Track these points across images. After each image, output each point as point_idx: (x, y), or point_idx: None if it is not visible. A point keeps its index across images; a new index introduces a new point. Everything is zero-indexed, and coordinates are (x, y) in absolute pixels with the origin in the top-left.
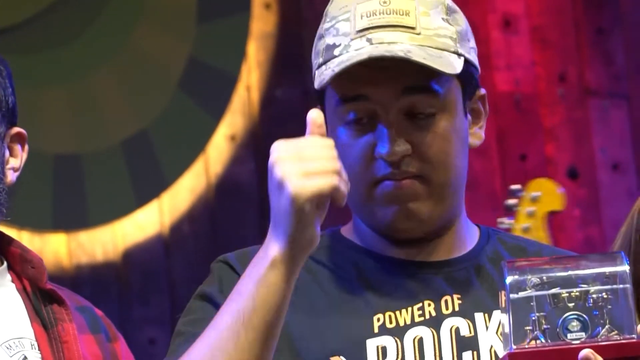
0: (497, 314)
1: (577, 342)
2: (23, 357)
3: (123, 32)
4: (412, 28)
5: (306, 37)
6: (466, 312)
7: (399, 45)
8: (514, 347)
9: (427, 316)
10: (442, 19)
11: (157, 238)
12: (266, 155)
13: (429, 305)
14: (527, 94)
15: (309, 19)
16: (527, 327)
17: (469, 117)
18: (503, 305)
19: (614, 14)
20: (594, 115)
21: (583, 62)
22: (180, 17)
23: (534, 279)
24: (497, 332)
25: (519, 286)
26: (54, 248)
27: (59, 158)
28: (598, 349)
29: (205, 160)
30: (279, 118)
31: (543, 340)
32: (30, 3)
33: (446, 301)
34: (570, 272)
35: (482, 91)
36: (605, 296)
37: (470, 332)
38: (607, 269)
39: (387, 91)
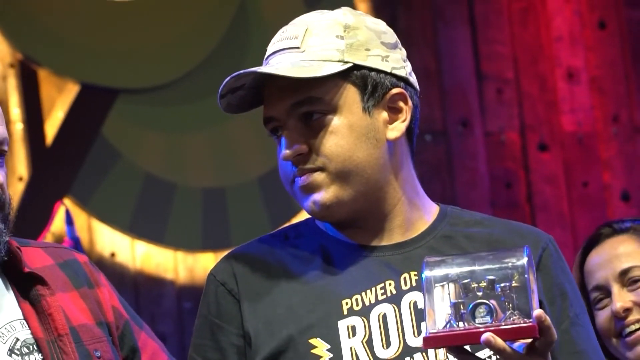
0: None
1: (482, 326)
2: (15, 339)
3: None
4: (297, 48)
5: None
6: None
7: (282, 64)
8: (429, 332)
9: (389, 294)
10: (336, 36)
11: None
12: None
13: (390, 284)
14: (587, 133)
15: None
16: (448, 313)
17: (386, 113)
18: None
19: None
20: None
21: (632, 106)
22: None
23: (449, 272)
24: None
25: (435, 279)
26: (204, 265)
27: (206, 191)
28: (498, 332)
29: None
30: None
31: (455, 325)
32: (182, 64)
33: (405, 278)
34: (478, 267)
35: (396, 90)
36: (514, 284)
37: None
38: (510, 262)
39: (281, 109)
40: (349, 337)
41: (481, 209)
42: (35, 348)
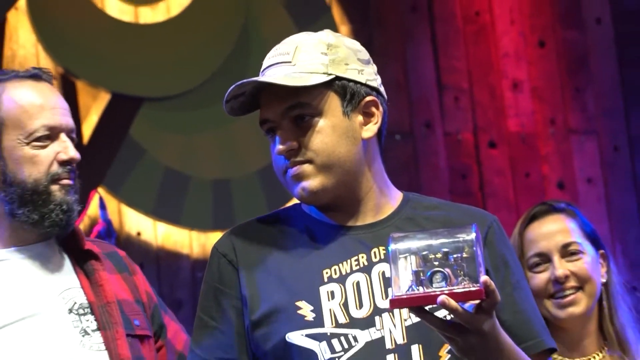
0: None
1: (438, 290)
2: (73, 302)
3: None
4: (289, 62)
5: None
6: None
7: (277, 75)
8: (394, 295)
9: (362, 265)
10: (321, 52)
11: None
12: None
13: (362, 257)
14: (529, 133)
15: None
16: (410, 280)
17: (361, 117)
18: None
19: (586, 78)
20: (575, 146)
21: (567, 111)
22: None
23: (411, 246)
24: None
25: (399, 251)
26: (214, 242)
27: (215, 182)
28: (452, 295)
29: None
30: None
31: (416, 289)
32: (195, 77)
33: (375, 252)
34: (435, 241)
35: (369, 98)
36: (464, 255)
37: None
38: (461, 237)
39: (276, 112)
40: (329, 300)
41: (441, 196)
42: (89, 311)
